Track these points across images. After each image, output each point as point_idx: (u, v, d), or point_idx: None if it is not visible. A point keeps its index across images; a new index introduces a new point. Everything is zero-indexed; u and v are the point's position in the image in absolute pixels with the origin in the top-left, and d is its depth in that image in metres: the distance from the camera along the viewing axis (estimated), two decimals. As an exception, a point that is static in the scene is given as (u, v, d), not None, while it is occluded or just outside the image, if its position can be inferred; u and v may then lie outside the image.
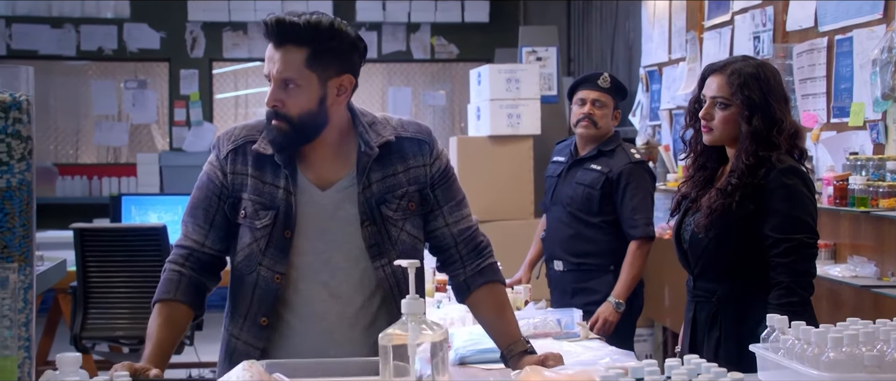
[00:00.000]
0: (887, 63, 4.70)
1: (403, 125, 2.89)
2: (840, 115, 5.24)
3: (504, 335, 2.85)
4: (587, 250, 4.98)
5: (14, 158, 2.30)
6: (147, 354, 2.72)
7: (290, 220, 2.79)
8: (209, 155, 2.92)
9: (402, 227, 2.84)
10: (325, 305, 2.82)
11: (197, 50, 12.11)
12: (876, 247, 4.84)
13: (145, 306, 5.86)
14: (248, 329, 2.85)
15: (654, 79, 8.27)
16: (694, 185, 3.50)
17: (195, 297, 2.83)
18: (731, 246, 3.34)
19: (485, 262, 2.91)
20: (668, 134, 7.92)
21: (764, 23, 6.11)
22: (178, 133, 12.05)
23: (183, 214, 2.91)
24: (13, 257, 2.30)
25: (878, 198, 4.59)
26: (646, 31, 8.49)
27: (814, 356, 2.37)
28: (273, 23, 2.71)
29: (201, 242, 2.85)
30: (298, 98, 2.74)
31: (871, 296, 4.65)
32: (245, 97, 12.51)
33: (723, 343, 3.37)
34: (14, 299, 2.24)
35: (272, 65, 2.74)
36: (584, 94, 5.01)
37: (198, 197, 2.88)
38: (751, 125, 3.29)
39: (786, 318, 2.62)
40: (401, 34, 12.30)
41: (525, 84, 7.77)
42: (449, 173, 2.91)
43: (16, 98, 2.30)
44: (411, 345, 2.31)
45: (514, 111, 7.63)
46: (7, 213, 2.29)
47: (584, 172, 5.00)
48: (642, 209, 4.91)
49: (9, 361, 2.25)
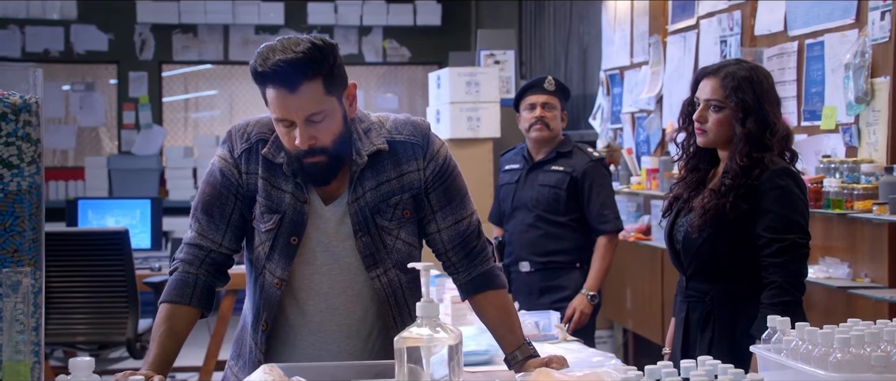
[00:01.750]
0: (860, 67, 4.79)
1: (398, 128, 2.84)
2: (811, 118, 5.32)
3: (507, 340, 2.85)
4: (555, 249, 5.13)
5: (24, 161, 2.29)
6: (151, 360, 2.69)
7: (299, 228, 2.77)
8: (219, 149, 2.87)
9: (398, 235, 2.83)
10: (323, 316, 2.83)
11: (146, 52, 12.03)
12: (848, 248, 4.93)
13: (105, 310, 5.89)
14: (256, 331, 2.85)
15: (616, 82, 8.33)
16: (686, 186, 3.55)
17: (208, 300, 2.82)
18: (725, 247, 3.39)
19: (478, 269, 2.89)
20: (630, 137, 7.98)
21: (731, 27, 6.18)
22: (126, 136, 11.94)
23: (192, 209, 2.86)
24: (24, 261, 2.29)
25: (853, 200, 4.67)
26: (606, 34, 8.54)
27: (820, 357, 2.40)
28: (277, 70, 2.59)
29: (218, 241, 2.82)
30: (329, 126, 2.68)
31: (844, 297, 4.75)
32: (195, 100, 12.44)
33: (716, 344, 3.41)
34: (26, 303, 2.23)
35: (292, 110, 2.64)
36: (532, 98, 5.17)
37: (210, 193, 2.83)
38: (745, 127, 3.36)
39: (787, 319, 2.65)
40: (353, 37, 12.30)
41: (484, 87, 7.82)
42: (445, 173, 2.86)
43: (26, 100, 2.29)
44: (426, 348, 2.33)
45: (474, 114, 7.68)
46: (17, 216, 2.28)
47: (545, 174, 5.17)
48: (610, 205, 5.15)
49: (22, 365, 2.24)
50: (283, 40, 2.64)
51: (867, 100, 4.82)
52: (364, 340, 2.85)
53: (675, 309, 3.65)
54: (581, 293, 5.04)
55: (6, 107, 2.25)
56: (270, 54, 2.61)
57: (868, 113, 4.86)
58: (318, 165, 2.71)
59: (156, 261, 6.93)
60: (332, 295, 2.81)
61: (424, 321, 2.36)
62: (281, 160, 2.76)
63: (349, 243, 2.79)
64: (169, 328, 2.75)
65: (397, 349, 2.33)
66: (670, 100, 7.21)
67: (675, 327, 3.64)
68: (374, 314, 2.85)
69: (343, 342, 2.83)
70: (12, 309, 2.23)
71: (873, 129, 4.81)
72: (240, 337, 2.97)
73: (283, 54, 2.59)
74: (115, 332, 6.01)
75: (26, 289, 2.23)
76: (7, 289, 2.22)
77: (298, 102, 2.62)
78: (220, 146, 2.88)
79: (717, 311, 3.44)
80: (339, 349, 2.83)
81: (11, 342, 2.23)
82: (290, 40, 2.64)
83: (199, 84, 12.42)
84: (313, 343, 2.84)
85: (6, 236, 2.26)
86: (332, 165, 2.73)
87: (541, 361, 2.75)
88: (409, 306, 2.86)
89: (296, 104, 2.62)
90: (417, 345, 2.33)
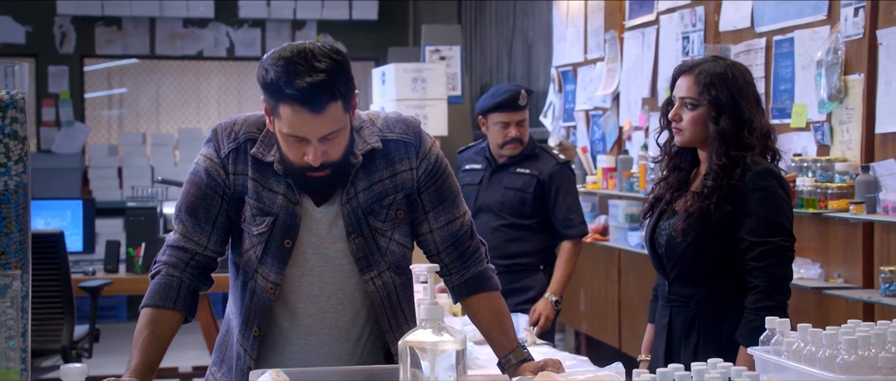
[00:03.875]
0: (833, 64, 4.89)
1: (389, 126, 2.84)
2: (780, 116, 5.43)
3: (501, 344, 2.87)
4: (519, 251, 5.19)
5: (11, 160, 2.28)
6: (134, 366, 2.67)
7: (292, 230, 2.77)
8: (204, 148, 2.84)
9: (391, 237, 2.84)
10: (313, 319, 2.83)
11: (67, 45, 11.88)
12: (820, 248, 5.03)
13: (39, 317, 5.80)
14: (245, 337, 2.84)
15: (568, 79, 8.40)
16: (668, 187, 3.59)
17: (192, 304, 2.80)
18: (710, 250, 3.42)
19: (470, 271, 2.92)
20: (584, 135, 8.05)
21: (693, 23, 6.27)
22: (46, 134, 11.79)
23: (176, 210, 2.84)
24: (11, 264, 2.28)
25: (827, 199, 4.77)
26: (558, 30, 8.61)
27: (826, 359, 2.46)
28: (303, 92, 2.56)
29: (203, 244, 2.81)
30: (341, 141, 2.69)
31: (814, 298, 4.86)
32: (119, 96, 12.32)
33: (701, 349, 3.44)
34: (15, 307, 2.22)
35: (311, 131, 2.62)
36: (505, 117, 5.14)
37: (195, 194, 2.81)
38: (718, 126, 3.39)
39: (787, 320, 2.70)
40: (286, 32, 12.26)
41: (431, 84, 7.83)
42: (437, 172, 2.87)
43: (13, 96, 2.28)
44: (431, 351, 2.35)
45: (420, 112, 7.70)
46: (4, 217, 2.27)
47: (511, 176, 5.22)
48: (576, 209, 5.22)
49: (12, 373, 2.23)
50: (297, 50, 2.59)
51: (840, 97, 4.92)
52: (353, 343, 2.86)
53: (656, 314, 3.67)
54: (545, 298, 5.11)
55: (-7, 103, 2.24)
56: (294, 72, 2.56)
57: (841, 111, 4.97)
58: (322, 179, 2.72)
59: (89, 264, 6.87)
60: (323, 298, 2.82)
61: (428, 324, 2.38)
62: (271, 158, 2.76)
63: (341, 244, 2.80)
64: (152, 333, 2.72)
65: (402, 352, 2.34)
66: (628, 97, 7.30)
67: (657, 332, 3.66)
68: (364, 317, 2.86)
69: (332, 345, 2.84)
70: (1, 314, 2.21)
71: (846, 127, 4.92)
72: (223, 342, 2.96)
73: (308, 75, 2.55)
74: (51, 339, 5.96)
75: (15, 293, 2.22)
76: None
77: (320, 123, 2.60)
78: (205, 145, 2.85)
79: (703, 315, 3.48)
80: (329, 352, 2.84)
81: (0, 349, 2.22)
82: (305, 51, 2.59)
83: (125, 79, 12.31)
84: (302, 347, 2.84)
85: (-7, 237, 2.25)
86: (337, 179, 2.74)
87: (536, 365, 2.76)
88: (404, 308, 2.88)
89: (317, 124, 2.61)
90: (422, 348, 2.35)
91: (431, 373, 2.33)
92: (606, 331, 7.23)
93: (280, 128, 2.65)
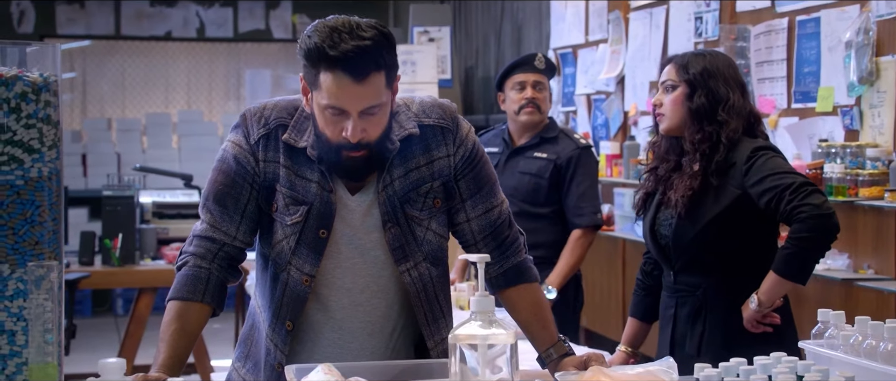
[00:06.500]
0: (864, 45, 4.94)
1: (425, 111, 2.87)
2: (803, 100, 5.48)
3: (541, 338, 2.91)
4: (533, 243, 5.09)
5: (45, 146, 2.30)
6: (161, 361, 2.70)
7: (327, 219, 2.79)
8: (231, 134, 2.86)
9: (428, 226, 2.86)
10: (346, 312, 2.85)
11: (25, 25, 11.83)
12: (849, 238, 5.05)
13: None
14: (276, 331, 2.86)
15: (568, 62, 8.43)
16: (657, 179, 3.75)
17: (221, 297, 2.83)
18: (716, 236, 3.57)
19: (509, 262, 2.97)
20: (585, 120, 8.09)
21: (708, 3, 6.31)
22: (4, 120, 11.73)
23: (203, 199, 2.86)
24: (45, 254, 2.30)
25: (858, 187, 4.82)
26: (556, 10, 8.62)
27: (888, 352, 2.51)
28: (348, 56, 2.59)
29: (232, 234, 2.83)
30: (381, 120, 2.71)
31: (843, 289, 4.92)
32: (82, 80, 12.29)
33: (707, 338, 3.61)
34: (52, 300, 2.24)
35: (352, 101, 2.64)
36: (521, 77, 5.12)
37: (223, 182, 2.83)
38: (692, 102, 3.60)
39: (842, 313, 2.76)
40: (259, 11, 12.25)
41: (421, 67, 7.88)
42: (474, 159, 2.90)
43: (46, 79, 2.31)
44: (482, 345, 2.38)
45: (410, 96, 7.69)
46: (38, 205, 2.29)
47: (527, 161, 5.14)
48: (590, 197, 5.13)
49: (50, 367, 2.25)
50: (343, 20, 2.64)
51: (871, 80, 4.98)
52: (386, 338, 2.89)
53: (660, 306, 3.82)
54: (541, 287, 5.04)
55: (26, 86, 2.26)
56: (338, 36, 2.60)
57: (872, 94, 5.02)
58: (358, 159, 2.73)
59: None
60: (357, 290, 2.84)
61: (479, 316, 2.40)
62: (304, 143, 2.78)
63: (376, 235, 2.82)
64: (180, 327, 2.75)
65: (452, 346, 2.36)
66: (633, 81, 7.33)
67: (661, 323, 3.80)
68: (398, 311, 2.89)
69: (365, 339, 2.87)
70: (37, 307, 2.23)
71: (878, 111, 4.98)
72: (248, 337, 2.98)
73: (353, 40, 2.59)
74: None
75: (51, 284, 2.24)
76: (31, 285, 2.23)
77: (362, 92, 2.63)
78: (232, 131, 2.87)
79: (710, 304, 3.63)
80: (360, 347, 2.87)
81: (37, 343, 2.24)
82: (350, 21, 2.63)
83: (88, 61, 12.26)
84: (334, 341, 2.87)
85: (27, 227, 2.27)
86: (371, 161, 2.76)
87: (579, 359, 2.80)
88: (440, 301, 2.91)
89: (359, 95, 2.63)
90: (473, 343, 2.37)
91: (482, 369, 2.35)
92: (609, 325, 7.26)
93: (318, 101, 2.68)
